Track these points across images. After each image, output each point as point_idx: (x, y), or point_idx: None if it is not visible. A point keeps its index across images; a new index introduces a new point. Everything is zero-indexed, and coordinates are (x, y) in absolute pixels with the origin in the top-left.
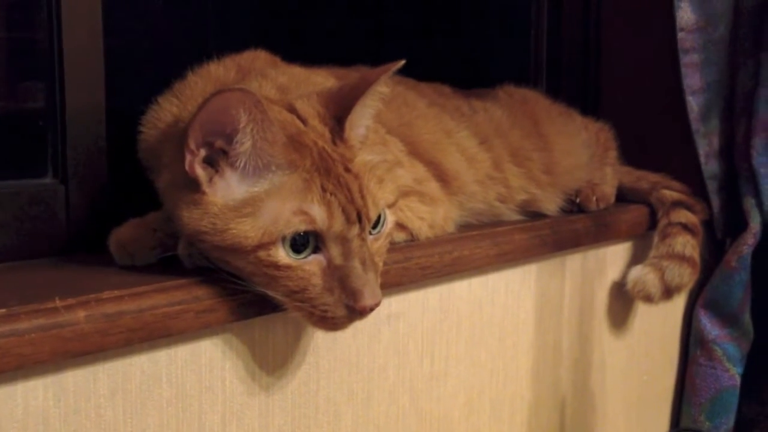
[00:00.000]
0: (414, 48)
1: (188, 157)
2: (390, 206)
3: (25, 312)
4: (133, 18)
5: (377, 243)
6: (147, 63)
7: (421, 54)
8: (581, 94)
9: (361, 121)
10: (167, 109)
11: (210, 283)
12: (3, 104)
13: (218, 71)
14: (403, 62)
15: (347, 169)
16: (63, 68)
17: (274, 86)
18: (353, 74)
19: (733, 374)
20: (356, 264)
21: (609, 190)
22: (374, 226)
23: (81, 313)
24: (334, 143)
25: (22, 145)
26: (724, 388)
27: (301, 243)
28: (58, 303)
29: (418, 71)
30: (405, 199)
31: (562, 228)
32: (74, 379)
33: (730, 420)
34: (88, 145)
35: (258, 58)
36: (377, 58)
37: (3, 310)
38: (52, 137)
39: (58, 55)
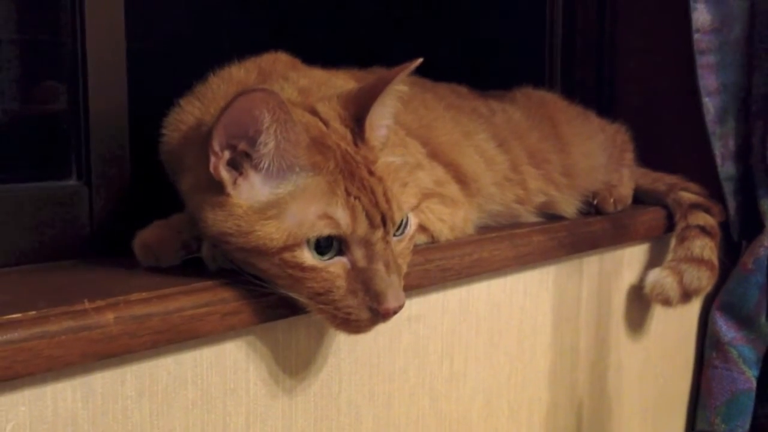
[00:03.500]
0: (426, 47)
1: (212, 159)
2: (413, 209)
3: (55, 314)
4: (155, 20)
5: (401, 245)
6: (169, 65)
7: (434, 55)
8: (596, 95)
9: (381, 121)
10: (189, 112)
11: (235, 285)
12: (27, 107)
13: (239, 73)
14: (420, 61)
15: (371, 172)
16: (86, 70)
17: (296, 89)
18: (372, 76)
19: (748, 377)
20: (380, 267)
21: (626, 191)
22: (398, 228)
23: (110, 315)
24: (356, 145)
25: (46, 148)
26: (740, 391)
27: (325, 245)
28: (88, 305)
29: (429, 71)
30: (426, 201)
31: (579, 230)
32: (102, 381)
33: (745, 423)
34: (111, 147)
35: (278, 60)
36: (390, 54)
37: (33, 313)
38: (75, 139)
39: (81, 58)
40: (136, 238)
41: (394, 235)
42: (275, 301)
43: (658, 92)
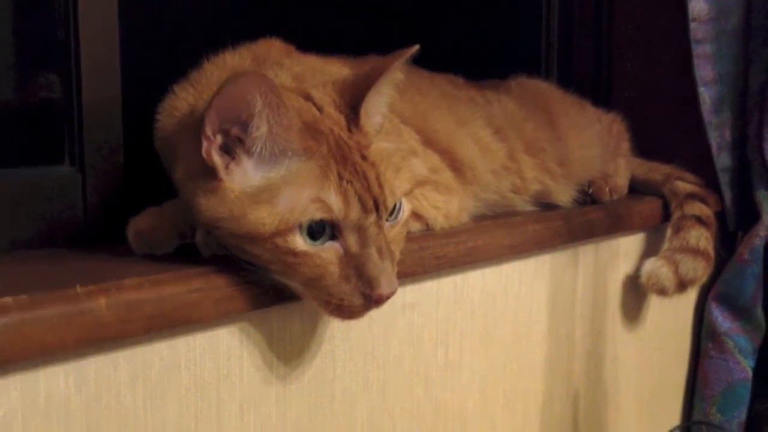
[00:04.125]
0: (423, 38)
1: (205, 144)
2: (406, 195)
3: (47, 299)
4: (148, 7)
5: (394, 231)
6: (163, 52)
7: (430, 45)
8: (592, 85)
9: (376, 108)
10: (183, 98)
11: (228, 271)
12: (21, 94)
13: (233, 60)
14: (416, 48)
15: (364, 157)
16: (80, 58)
17: (290, 75)
18: (367, 64)
19: (744, 367)
20: (373, 252)
21: (622, 181)
22: (390, 214)
23: (102, 301)
24: (350, 131)
25: (40, 135)
26: (736, 381)
27: (317, 230)
28: (80, 290)
29: (426, 63)
30: (420, 189)
31: (575, 219)
32: (95, 367)
33: (742, 413)
34: (105, 133)
35: (273, 47)
36: (387, 45)
37: (25, 297)
38: (69, 126)
39: (75, 45)
40: (129, 226)
41: (387, 221)
42: (269, 288)
43: (654, 82)
